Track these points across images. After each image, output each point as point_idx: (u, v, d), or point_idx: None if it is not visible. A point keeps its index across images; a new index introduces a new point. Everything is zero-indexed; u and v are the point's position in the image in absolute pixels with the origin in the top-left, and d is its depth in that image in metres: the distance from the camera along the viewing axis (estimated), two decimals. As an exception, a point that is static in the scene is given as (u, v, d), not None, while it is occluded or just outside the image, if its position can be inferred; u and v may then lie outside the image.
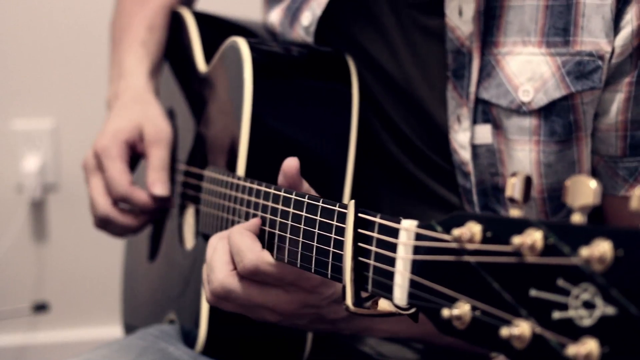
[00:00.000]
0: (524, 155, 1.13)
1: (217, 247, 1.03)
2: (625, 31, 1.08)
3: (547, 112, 1.12)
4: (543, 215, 1.16)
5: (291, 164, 1.00)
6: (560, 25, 1.11)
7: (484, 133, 1.16)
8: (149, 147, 1.36)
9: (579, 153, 1.13)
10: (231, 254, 1.01)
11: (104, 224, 1.38)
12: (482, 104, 1.15)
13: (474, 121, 1.16)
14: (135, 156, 1.39)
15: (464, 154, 1.17)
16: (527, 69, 1.12)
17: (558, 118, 1.12)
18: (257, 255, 0.97)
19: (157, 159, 1.35)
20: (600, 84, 1.10)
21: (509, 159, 1.15)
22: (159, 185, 1.34)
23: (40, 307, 2.47)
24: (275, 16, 1.37)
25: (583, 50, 1.09)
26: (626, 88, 1.10)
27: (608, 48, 1.09)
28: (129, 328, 1.63)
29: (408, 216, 0.84)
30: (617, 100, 1.11)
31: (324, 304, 1.00)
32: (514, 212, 0.67)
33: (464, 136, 1.16)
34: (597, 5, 1.09)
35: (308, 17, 1.30)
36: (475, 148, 1.17)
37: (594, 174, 1.16)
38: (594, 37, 1.09)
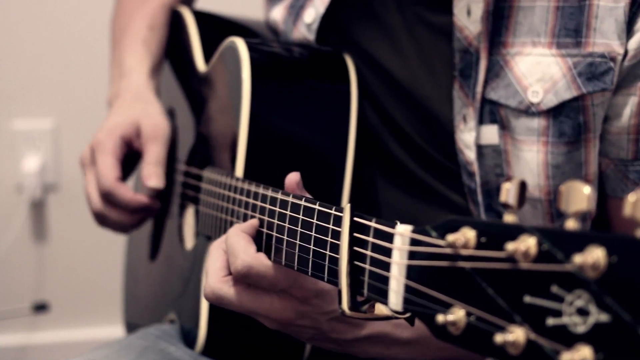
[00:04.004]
0: (531, 156, 1.13)
1: (213, 252, 1.03)
2: (639, 35, 1.08)
3: (556, 113, 1.12)
4: (549, 217, 1.16)
5: (292, 178, 1.00)
6: (571, 27, 1.10)
7: (491, 133, 1.16)
8: (145, 143, 1.36)
9: (586, 155, 1.13)
10: (226, 258, 1.01)
11: (100, 219, 1.38)
12: (489, 104, 1.15)
13: (480, 121, 1.16)
14: (132, 154, 1.39)
15: (469, 154, 1.17)
16: (537, 70, 1.12)
17: (567, 119, 1.11)
18: (250, 257, 0.97)
19: (153, 154, 1.35)
20: (611, 86, 1.09)
21: (515, 160, 1.15)
22: (153, 179, 1.34)
23: (40, 307, 2.47)
24: (277, 14, 1.37)
25: (595, 51, 1.09)
26: (639, 91, 1.10)
27: (620, 50, 1.08)
28: (130, 328, 1.63)
29: (410, 216, 0.84)
30: (630, 104, 1.11)
31: (322, 319, 1.00)
32: (509, 218, 0.67)
33: (470, 136, 1.16)
34: (610, 8, 1.08)
35: (311, 15, 1.30)
36: (480, 148, 1.16)
37: (603, 177, 1.16)
38: (606, 38, 1.09)
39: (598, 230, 1.19)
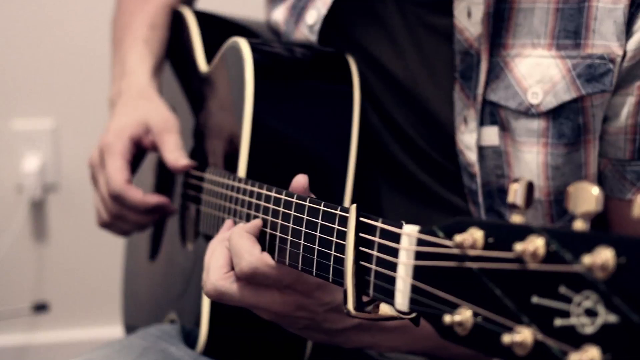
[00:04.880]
0: (531, 158, 1.13)
1: (216, 249, 1.03)
2: (638, 36, 1.08)
3: (556, 114, 1.12)
4: (549, 218, 1.16)
5: (299, 181, 1.00)
6: (571, 28, 1.10)
7: (491, 135, 1.16)
8: (159, 135, 1.34)
9: (586, 156, 1.13)
10: (229, 256, 1.01)
11: (112, 221, 1.38)
12: (489, 106, 1.15)
13: (481, 123, 1.16)
14: (140, 154, 1.38)
15: (470, 156, 1.17)
16: (537, 72, 1.12)
17: (567, 121, 1.11)
18: (255, 258, 0.97)
19: (171, 142, 1.34)
20: (610, 87, 1.10)
21: (515, 161, 1.15)
22: (183, 159, 1.32)
23: (40, 307, 2.47)
24: (279, 15, 1.37)
25: (594, 53, 1.09)
26: (637, 92, 1.10)
27: (619, 51, 1.08)
28: (130, 328, 1.63)
29: (410, 217, 0.84)
30: (628, 104, 1.11)
31: (319, 311, 1.00)
32: (516, 218, 0.67)
33: (471, 137, 1.16)
34: (609, 9, 1.08)
35: (313, 16, 1.30)
36: (481, 150, 1.17)
37: (601, 177, 1.16)
38: (605, 40, 1.09)
39: (598, 229, 1.19)
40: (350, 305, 0.84)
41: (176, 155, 1.33)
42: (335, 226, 0.90)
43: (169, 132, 1.35)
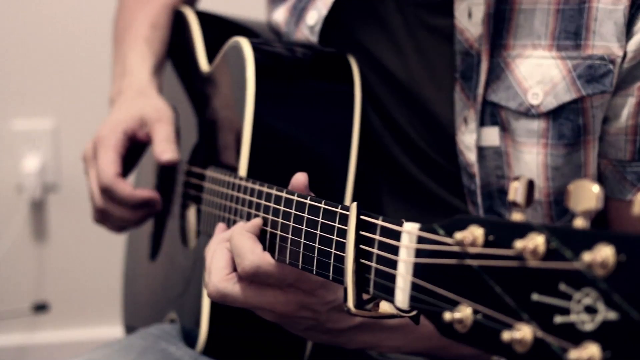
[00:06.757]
0: (531, 158, 1.13)
1: (216, 251, 1.03)
2: (638, 37, 1.08)
3: (556, 115, 1.12)
4: (548, 219, 1.16)
5: (299, 179, 1.00)
6: (571, 29, 1.11)
7: (491, 135, 1.16)
8: (152, 126, 1.34)
9: (586, 156, 1.13)
10: (230, 257, 1.01)
11: (101, 216, 1.37)
12: (490, 107, 1.15)
13: (481, 123, 1.16)
14: (135, 148, 1.38)
15: (470, 156, 1.17)
16: (537, 72, 1.12)
17: (567, 121, 1.12)
18: (258, 257, 0.97)
19: (162, 132, 1.33)
20: (610, 88, 1.10)
21: (515, 162, 1.15)
22: (168, 153, 1.32)
23: (40, 307, 2.47)
24: (280, 15, 1.37)
25: (594, 54, 1.09)
26: (637, 93, 1.10)
27: (620, 52, 1.09)
28: (130, 328, 1.63)
29: (410, 217, 0.84)
30: (628, 105, 1.11)
31: (323, 310, 1.00)
32: (516, 216, 0.67)
33: (470, 138, 1.16)
34: (609, 10, 1.09)
35: (313, 17, 1.30)
36: (481, 150, 1.17)
37: (601, 178, 1.16)
38: (605, 41, 1.09)
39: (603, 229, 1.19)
40: (350, 303, 0.84)
41: (163, 147, 1.33)
42: (336, 224, 0.90)
43: (160, 121, 1.34)
